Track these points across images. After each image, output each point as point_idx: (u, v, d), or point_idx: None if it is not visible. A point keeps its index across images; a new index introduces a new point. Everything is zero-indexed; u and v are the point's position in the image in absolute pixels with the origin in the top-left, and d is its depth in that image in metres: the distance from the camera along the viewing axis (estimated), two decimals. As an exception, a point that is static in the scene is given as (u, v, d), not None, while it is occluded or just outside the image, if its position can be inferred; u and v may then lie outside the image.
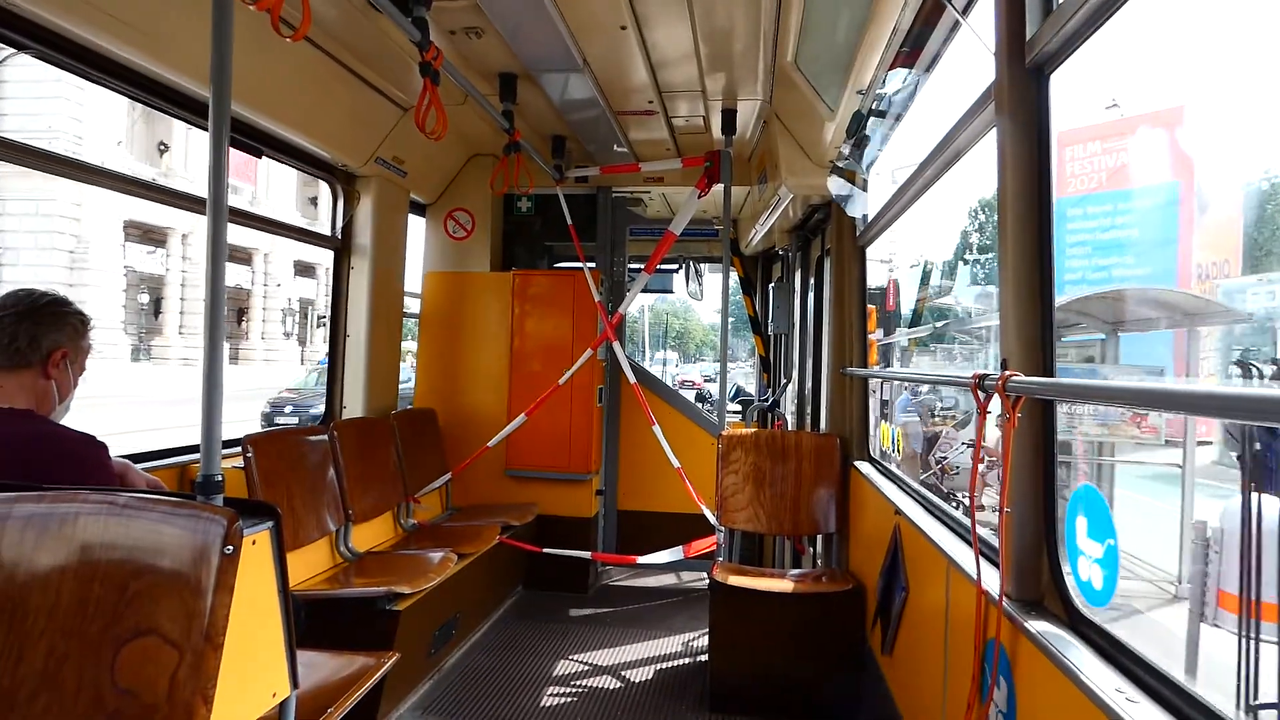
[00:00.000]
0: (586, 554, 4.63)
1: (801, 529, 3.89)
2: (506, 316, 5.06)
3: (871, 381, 4.17)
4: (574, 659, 3.95)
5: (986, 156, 1.84)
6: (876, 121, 3.03)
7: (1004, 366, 1.66)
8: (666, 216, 5.77)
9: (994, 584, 1.74)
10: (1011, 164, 1.66)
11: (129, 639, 1.36)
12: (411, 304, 4.92)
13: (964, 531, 2.21)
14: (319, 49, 3.23)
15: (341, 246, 4.11)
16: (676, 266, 7.89)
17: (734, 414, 6.67)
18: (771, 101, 3.88)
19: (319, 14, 2.99)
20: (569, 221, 4.86)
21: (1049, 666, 1.41)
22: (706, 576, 3.55)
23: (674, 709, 3.44)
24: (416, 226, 4.99)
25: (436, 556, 3.48)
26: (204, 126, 1.77)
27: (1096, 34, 1.46)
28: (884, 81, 2.76)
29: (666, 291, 9.15)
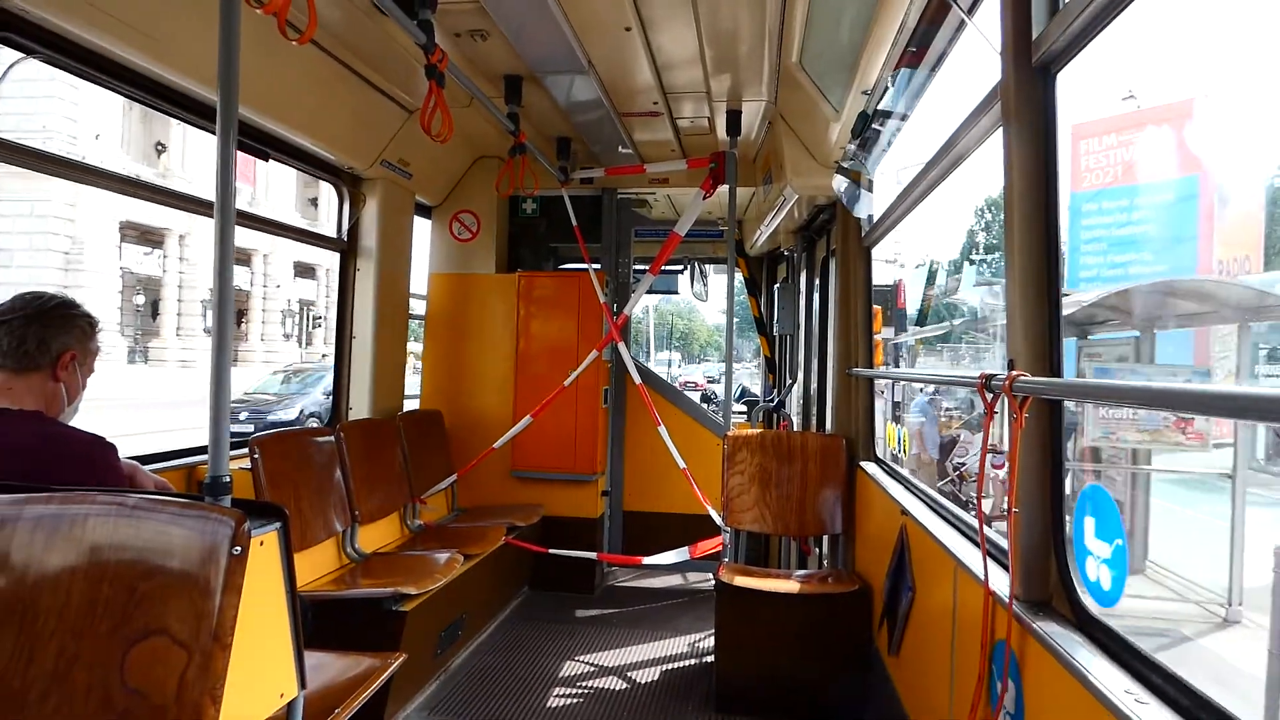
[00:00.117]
0: (592, 555, 4.63)
1: (807, 530, 3.89)
2: (512, 318, 5.07)
3: (880, 382, 4.16)
4: (580, 660, 3.95)
5: (993, 156, 1.84)
6: (881, 122, 3.02)
7: (1011, 366, 1.66)
8: (671, 218, 5.78)
9: (1001, 585, 1.74)
10: (1018, 164, 1.65)
11: (138, 639, 1.37)
12: (417, 306, 4.93)
13: (971, 532, 2.21)
14: (325, 52, 3.24)
15: (347, 248, 4.13)
16: (681, 267, 7.90)
17: (739, 414, 6.66)
18: (776, 102, 3.88)
19: (325, 17, 3.00)
20: (574, 223, 4.87)
21: (1057, 668, 1.41)
22: (712, 577, 3.55)
23: (680, 710, 3.43)
24: (422, 228, 5.00)
25: (443, 557, 3.49)
26: (212, 130, 1.78)
27: (1104, 32, 1.46)
28: (889, 81, 2.75)
29: (671, 293, 9.14)
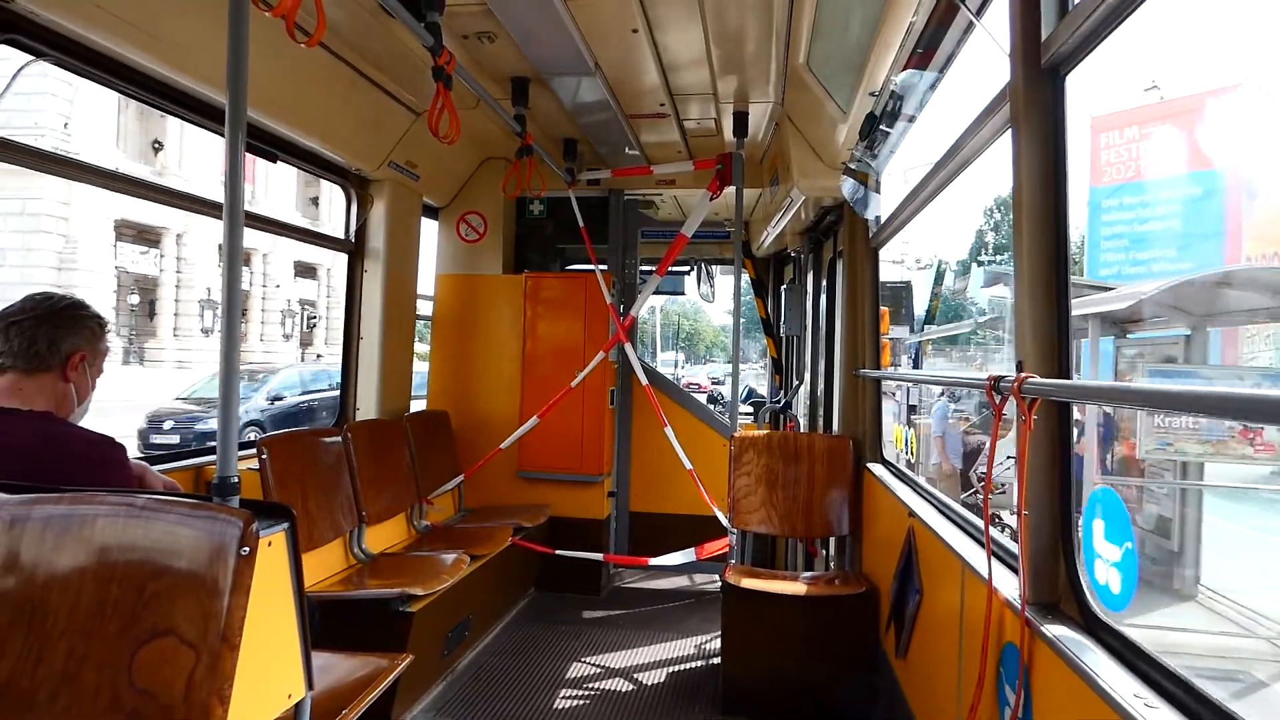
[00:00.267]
0: (599, 556, 4.63)
1: (814, 531, 3.88)
2: (519, 319, 5.07)
3: (891, 385, 4.15)
4: (586, 661, 3.95)
5: (1001, 157, 1.83)
6: (889, 123, 3.01)
7: (1019, 368, 1.65)
8: (678, 219, 5.77)
9: (1009, 587, 1.73)
10: (1027, 165, 1.65)
11: (147, 640, 1.37)
12: (424, 306, 4.95)
13: (979, 534, 2.20)
14: (333, 54, 3.26)
15: (355, 250, 4.14)
16: (688, 269, 7.89)
17: (746, 415, 6.65)
18: (783, 103, 3.87)
19: (333, 20, 3.01)
20: (581, 224, 4.87)
21: (1065, 671, 1.40)
22: (719, 579, 3.55)
23: (686, 711, 3.43)
24: (429, 229, 5.01)
25: (449, 558, 3.49)
26: (220, 132, 1.79)
27: (1115, 32, 1.45)
28: (897, 83, 2.74)
29: (678, 294, 9.13)
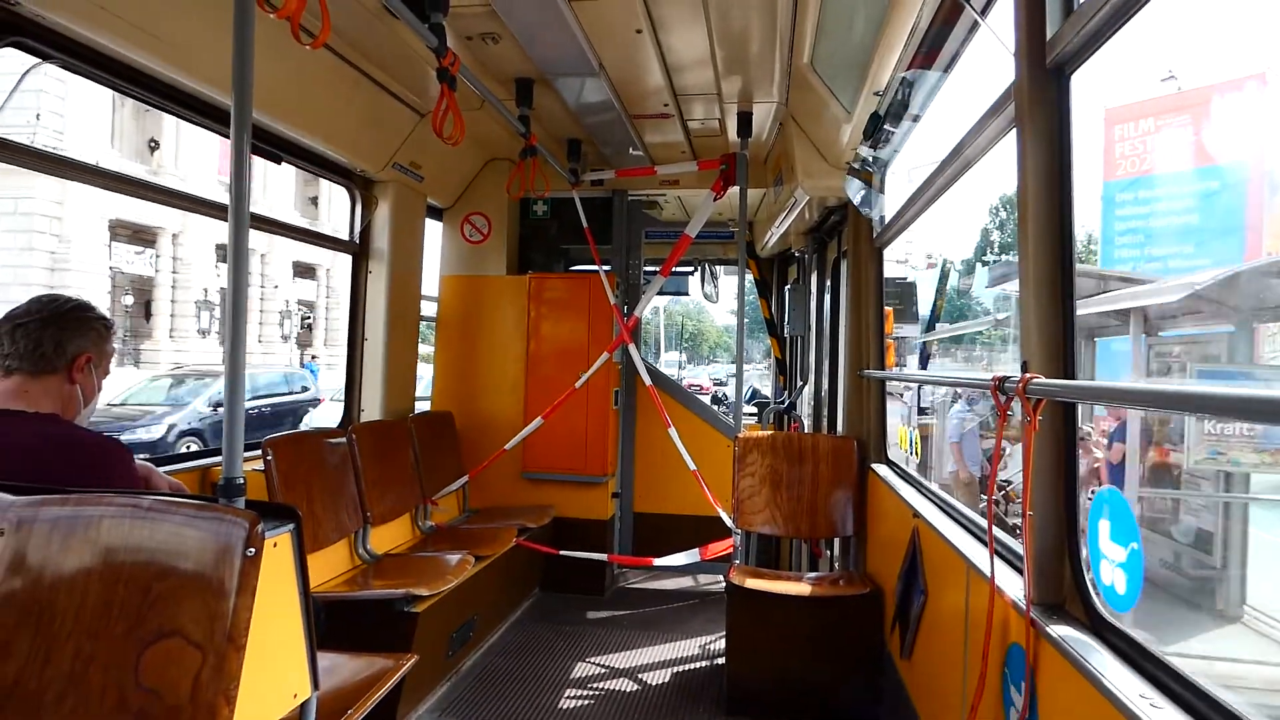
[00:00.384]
0: (603, 556, 4.63)
1: (819, 532, 3.88)
2: (523, 320, 5.08)
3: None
4: (591, 661, 3.95)
5: (1006, 157, 1.83)
6: (893, 123, 3.00)
7: (1024, 369, 1.65)
8: (682, 219, 5.77)
9: (1014, 588, 1.73)
10: (1032, 165, 1.64)
11: (153, 640, 1.37)
12: (428, 307, 4.95)
13: (984, 535, 2.19)
14: (338, 56, 3.26)
15: (359, 251, 4.15)
16: (692, 269, 7.89)
17: (750, 416, 6.65)
18: (787, 103, 3.87)
19: (337, 21, 3.01)
20: (585, 225, 4.87)
21: (1071, 671, 1.40)
22: (723, 579, 3.54)
23: (691, 712, 3.43)
24: (433, 230, 5.02)
25: (454, 558, 3.50)
26: (225, 133, 1.80)
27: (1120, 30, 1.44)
28: (901, 82, 2.74)
29: (682, 294, 9.13)
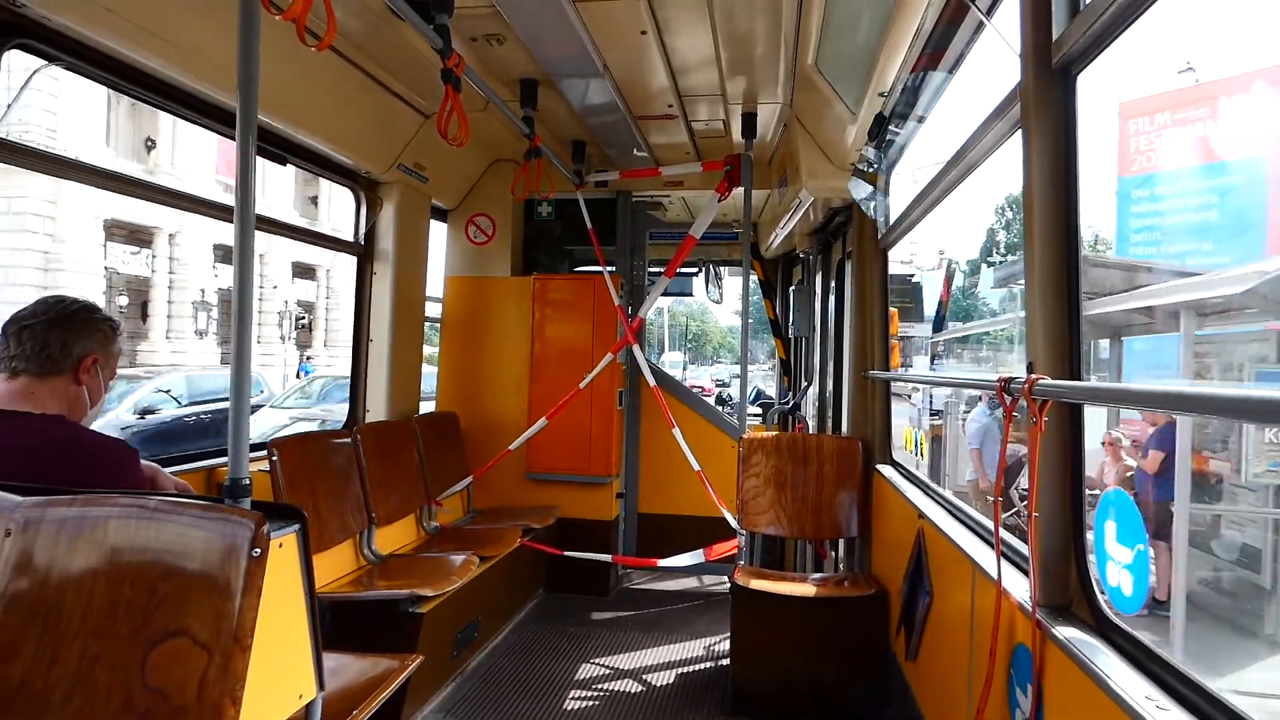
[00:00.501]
0: (607, 557, 4.63)
1: (823, 533, 3.87)
2: (527, 320, 5.08)
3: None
4: (595, 662, 3.95)
5: (1012, 157, 1.82)
6: (898, 124, 3.00)
7: (1030, 369, 1.64)
8: (686, 220, 5.77)
9: (1020, 589, 1.72)
10: (1038, 166, 1.64)
11: (159, 640, 1.38)
12: (433, 309, 4.96)
13: (989, 536, 2.19)
14: (342, 58, 3.27)
15: (364, 252, 4.16)
16: (696, 270, 7.89)
17: (754, 417, 6.64)
18: (792, 104, 3.86)
19: (343, 23, 3.02)
20: (589, 226, 4.87)
21: (1077, 673, 1.39)
22: (728, 580, 3.54)
23: (695, 713, 3.42)
24: (438, 231, 5.03)
25: (458, 559, 3.50)
26: (231, 135, 1.80)
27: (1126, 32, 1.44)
28: (906, 83, 2.74)
29: (686, 295, 9.13)
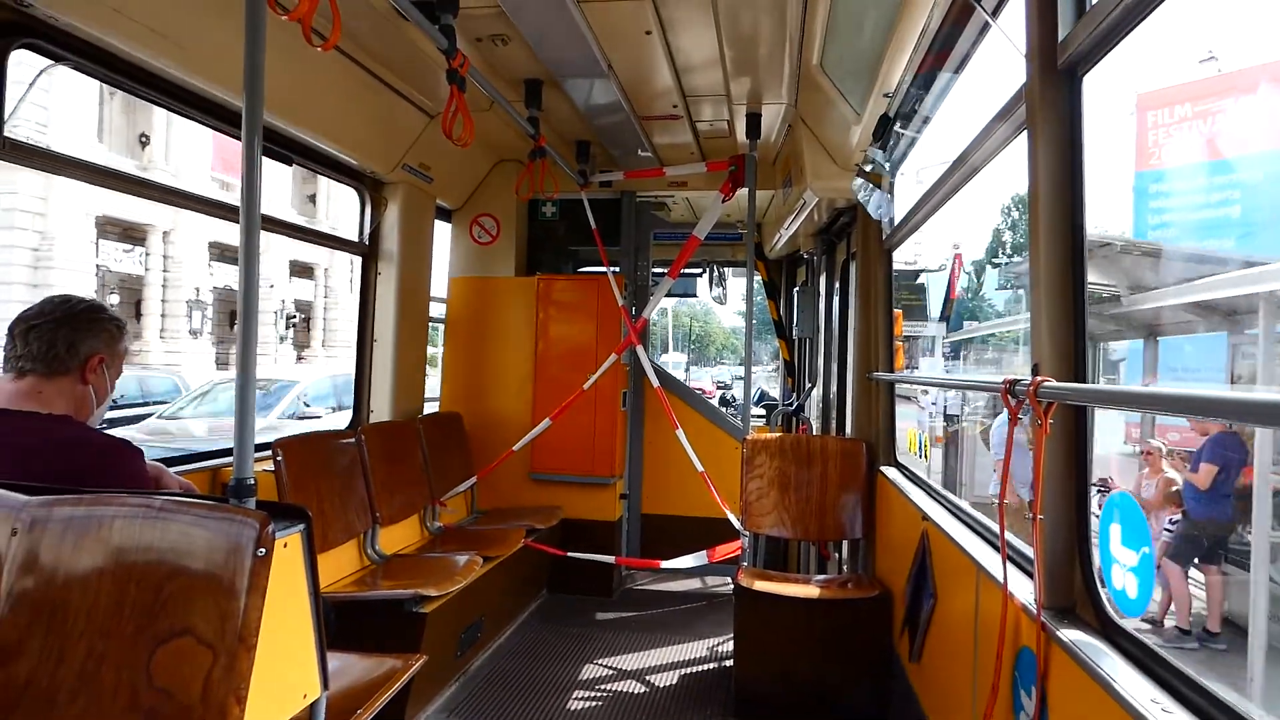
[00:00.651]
0: (611, 558, 4.63)
1: (827, 534, 3.86)
2: (531, 321, 5.09)
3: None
4: (598, 663, 3.95)
5: (1018, 158, 1.82)
6: (903, 124, 3.00)
7: (1035, 372, 1.64)
8: (690, 221, 5.77)
9: (1025, 592, 1.72)
10: (1043, 167, 1.63)
11: (165, 639, 1.38)
12: (437, 309, 4.97)
13: (994, 538, 2.18)
14: (348, 58, 3.28)
15: (369, 252, 4.16)
16: (700, 270, 7.90)
17: (758, 418, 6.64)
18: (796, 105, 3.86)
19: (348, 24, 3.03)
20: (593, 226, 4.87)
21: (1082, 676, 1.39)
22: (731, 581, 3.54)
23: (699, 714, 3.42)
24: (442, 232, 5.03)
25: (462, 559, 3.50)
26: (236, 135, 1.81)
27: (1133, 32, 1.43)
28: (911, 84, 2.73)
29: (690, 295, 9.13)
